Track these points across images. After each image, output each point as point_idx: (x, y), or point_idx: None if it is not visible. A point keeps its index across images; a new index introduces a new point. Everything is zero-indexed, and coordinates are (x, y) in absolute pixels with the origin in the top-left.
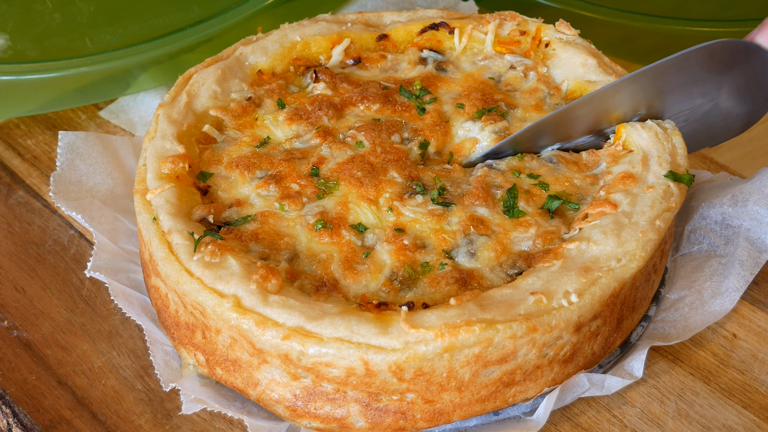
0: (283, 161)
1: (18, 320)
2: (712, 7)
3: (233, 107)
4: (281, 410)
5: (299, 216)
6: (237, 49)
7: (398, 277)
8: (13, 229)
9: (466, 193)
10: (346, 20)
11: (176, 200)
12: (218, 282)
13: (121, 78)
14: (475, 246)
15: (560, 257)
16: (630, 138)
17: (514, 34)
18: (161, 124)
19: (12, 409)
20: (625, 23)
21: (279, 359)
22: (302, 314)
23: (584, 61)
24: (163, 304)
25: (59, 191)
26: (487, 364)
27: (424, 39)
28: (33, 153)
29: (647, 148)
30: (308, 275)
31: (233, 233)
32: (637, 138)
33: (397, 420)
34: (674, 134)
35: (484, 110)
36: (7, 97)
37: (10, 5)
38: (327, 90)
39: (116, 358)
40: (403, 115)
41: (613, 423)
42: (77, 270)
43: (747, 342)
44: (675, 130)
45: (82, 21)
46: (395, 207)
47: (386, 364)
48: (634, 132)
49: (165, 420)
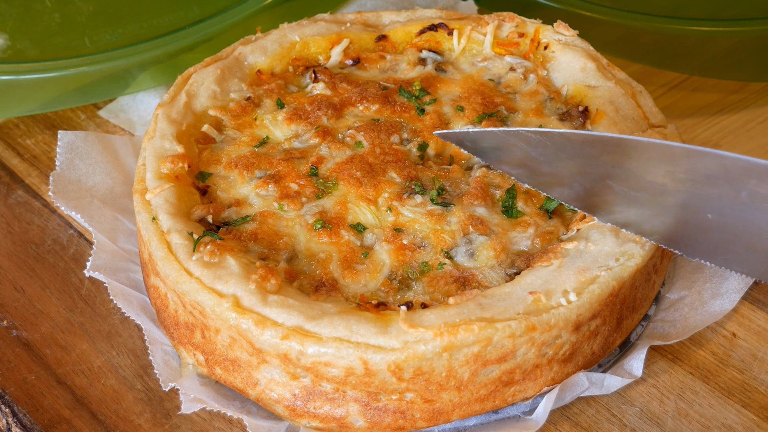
0: (282, 161)
1: (17, 320)
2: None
3: (232, 107)
4: (280, 410)
5: (298, 216)
6: (236, 49)
7: (397, 277)
8: (12, 228)
9: (465, 193)
10: (345, 20)
11: (175, 200)
12: (217, 282)
13: (121, 78)
14: (474, 246)
15: (559, 256)
16: None
17: (512, 36)
18: (160, 123)
19: (11, 408)
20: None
21: (278, 359)
22: (301, 314)
23: (583, 65)
24: (163, 304)
25: (58, 191)
26: (486, 364)
27: (423, 40)
28: (32, 152)
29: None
30: (307, 275)
31: (232, 233)
32: None
33: (397, 419)
34: (672, 137)
35: (484, 115)
36: (7, 97)
37: (10, 5)
38: (326, 90)
39: (115, 357)
40: (403, 115)
41: (612, 422)
42: (76, 269)
43: (746, 341)
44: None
45: (81, 21)
46: (394, 207)
47: (385, 363)
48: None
49: (164, 419)
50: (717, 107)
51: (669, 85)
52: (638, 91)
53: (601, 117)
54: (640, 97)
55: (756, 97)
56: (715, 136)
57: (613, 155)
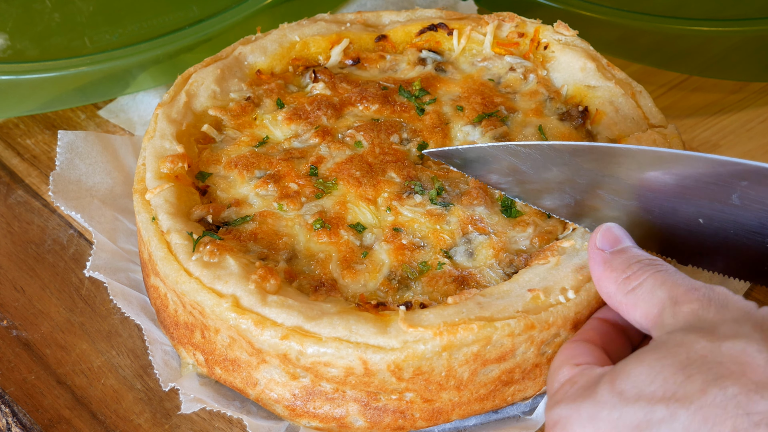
0: (281, 161)
1: (17, 320)
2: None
3: (232, 107)
4: (280, 410)
5: (298, 216)
6: (236, 49)
7: (396, 277)
8: (12, 228)
9: (465, 193)
10: (345, 20)
11: (175, 200)
12: (217, 282)
13: (121, 77)
14: (473, 245)
15: (555, 254)
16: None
17: (512, 36)
18: (160, 123)
19: (11, 408)
20: (624, 22)
21: (278, 359)
22: (301, 314)
23: (583, 65)
24: (162, 304)
25: (58, 190)
26: (486, 363)
27: (423, 40)
28: (32, 152)
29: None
30: (307, 275)
31: (232, 233)
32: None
33: (396, 419)
34: (672, 138)
35: (484, 115)
36: (7, 97)
37: (10, 5)
38: (326, 90)
39: (115, 357)
40: (402, 115)
41: None
42: (76, 269)
43: None
44: (675, 135)
45: (81, 20)
46: (394, 207)
47: (385, 363)
48: (632, 140)
49: (164, 419)
50: (717, 107)
51: (669, 85)
52: (638, 91)
53: (601, 117)
54: (639, 97)
55: (756, 97)
56: (715, 136)
57: (602, 163)
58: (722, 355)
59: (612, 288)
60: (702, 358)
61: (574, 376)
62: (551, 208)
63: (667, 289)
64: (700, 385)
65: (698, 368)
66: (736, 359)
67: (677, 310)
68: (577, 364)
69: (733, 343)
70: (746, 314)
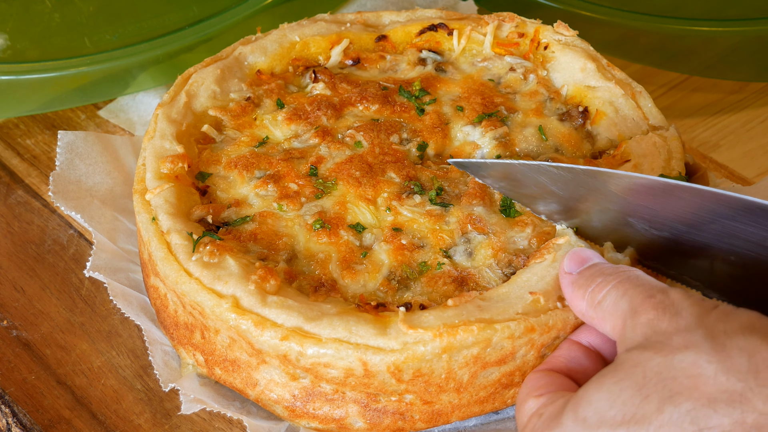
0: (281, 161)
1: (17, 320)
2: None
3: (232, 107)
4: (280, 410)
5: (298, 216)
6: (236, 49)
7: (396, 277)
8: (12, 228)
9: (464, 193)
10: (345, 20)
11: (175, 200)
12: (217, 282)
13: (121, 78)
14: (472, 245)
15: (551, 251)
16: (629, 148)
17: (512, 36)
18: (160, 123)
19: (11, 408)
20: (624, 23)
21: (278, 360)
22: (301, 315)
23: (583, 65)
24: (162, 304)
25: (58, 191)
26: (486, 366)
27: (423, 40)
28: (32, 152)
29: (642, 155)
30: (306, 275)
31: (232, 233)
32: (635, 148)
33: (396, 421)
34: (672, 140)
35: (484, 115)
36: (7, 97)
37: (10, 5)
38: (326, 90)
39: (115, 357)
40: (402, 115)
41: None
42: (76, 270)
43: None
44: (674, 137)
45: (81, 21)
46: (393, 207)
47: (385, 364)
48: (633, 143)
49: (164, 420)
50: (717, 107)
51: (669, 85)
52: (638, 92)
53: (601, 117)
54: (639, 97)
55: (756, 97)
56: (715, 136)
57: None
58: (675, 370)
59: (582, 305)
60: (657, 375)
61: (539, 408)
62: (545, 212)
63: (629, 299)
64: (657, 404)
65: (654, 386)
66: (687, 372)
67: (636, 323)
68: (539, 395)
69: (683, 355)
70: (698, 320)
